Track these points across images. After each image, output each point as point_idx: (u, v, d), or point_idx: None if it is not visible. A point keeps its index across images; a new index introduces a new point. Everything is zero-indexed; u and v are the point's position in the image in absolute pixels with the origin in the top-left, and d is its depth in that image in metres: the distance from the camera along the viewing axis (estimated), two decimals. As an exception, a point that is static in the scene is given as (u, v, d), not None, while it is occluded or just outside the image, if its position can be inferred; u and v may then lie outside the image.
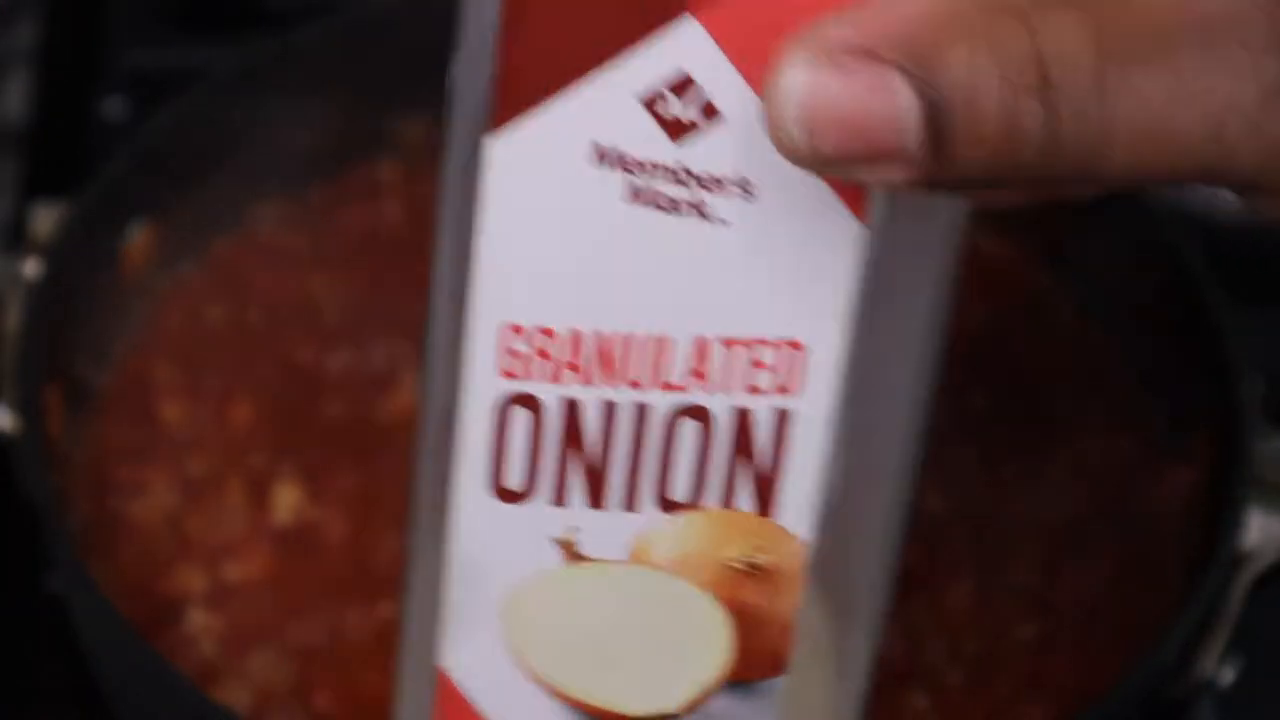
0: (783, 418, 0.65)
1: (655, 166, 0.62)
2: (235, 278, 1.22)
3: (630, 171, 0.62)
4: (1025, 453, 1.15)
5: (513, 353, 0.64)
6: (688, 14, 0.59)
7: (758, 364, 0.65)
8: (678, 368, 0.65)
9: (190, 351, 1.17)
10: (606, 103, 0.61)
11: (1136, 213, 1.15)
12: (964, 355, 1.19)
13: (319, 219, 1.25)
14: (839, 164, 0.59)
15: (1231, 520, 1.03)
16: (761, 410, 0.65)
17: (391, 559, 1.09)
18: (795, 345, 0.64)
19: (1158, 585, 1.09)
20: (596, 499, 0.67)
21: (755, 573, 0.68)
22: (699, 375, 0.65)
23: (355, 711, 1.03)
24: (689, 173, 0.62)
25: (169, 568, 1.07)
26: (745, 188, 0.62)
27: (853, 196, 0.61)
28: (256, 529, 1.09)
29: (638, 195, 0.62)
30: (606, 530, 0.67)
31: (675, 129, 0.61)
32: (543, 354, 0.64)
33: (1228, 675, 1.05)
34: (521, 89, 0.60)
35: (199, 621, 1.05)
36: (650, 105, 0.61)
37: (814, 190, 0.61)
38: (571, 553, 0.68)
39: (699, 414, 0.65)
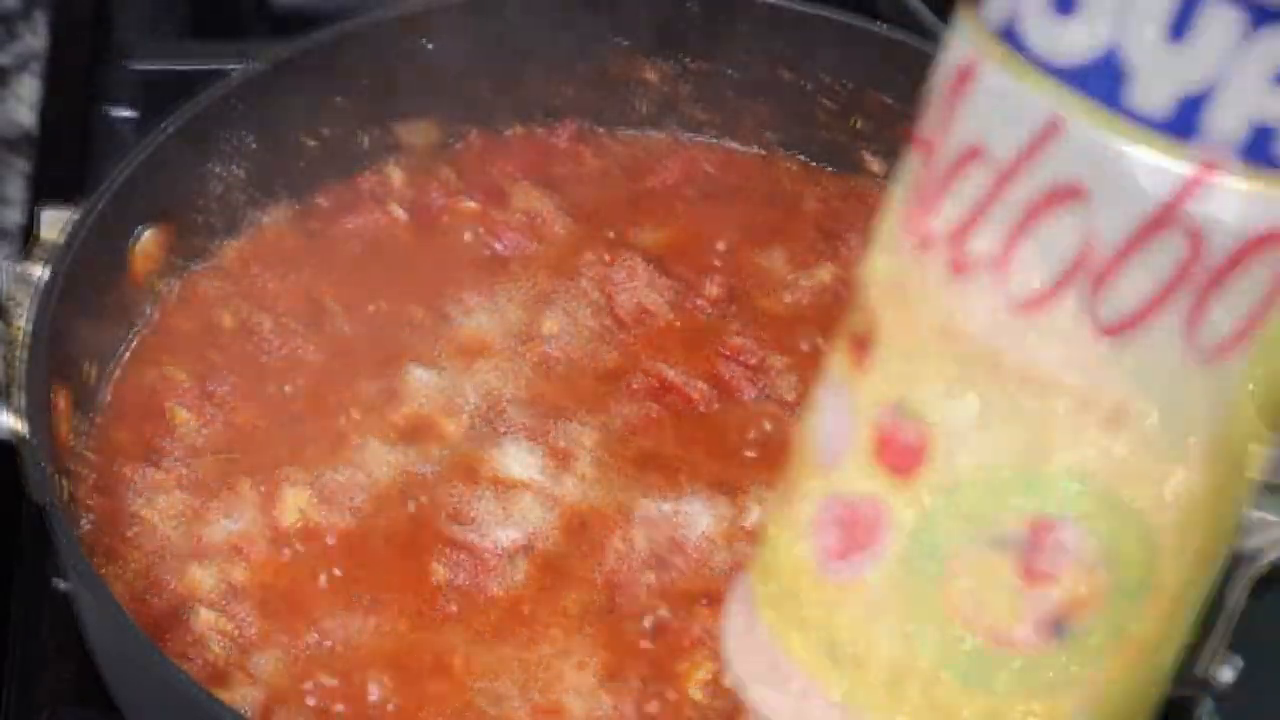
0: None
1: None
2: (243, 281, 1.22)
3: None
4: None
5: None
6: None
7: None
8: None
9: (198, 354, 1.18)
10: None
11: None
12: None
13: (326, 223, 1.26)
14: None
15: (1231, 521, 1.03)
16: None
17: (394, 559, 1.10)
18: None
19: (1158, 586, 1.10)
20: None
21: None
22: None
23: (363, 712, 1.03)
24: None
25: (177, 569, 1.08)
26: None
27: None
28: (264, 530, 1.09)
29: None
30: None
31: None
32: None
33: (1227, 675, 1.04)
34: None
35: (207, 622, 1.05)
36: None
37: None
38: None
39: None
